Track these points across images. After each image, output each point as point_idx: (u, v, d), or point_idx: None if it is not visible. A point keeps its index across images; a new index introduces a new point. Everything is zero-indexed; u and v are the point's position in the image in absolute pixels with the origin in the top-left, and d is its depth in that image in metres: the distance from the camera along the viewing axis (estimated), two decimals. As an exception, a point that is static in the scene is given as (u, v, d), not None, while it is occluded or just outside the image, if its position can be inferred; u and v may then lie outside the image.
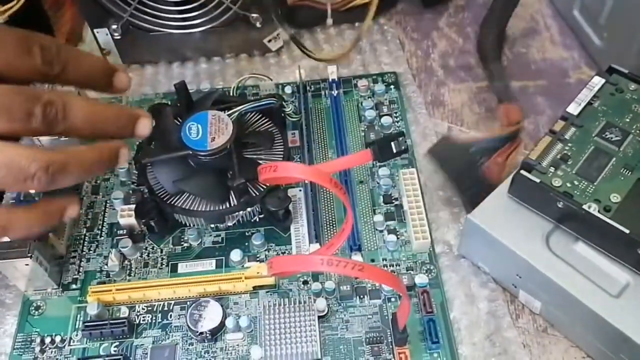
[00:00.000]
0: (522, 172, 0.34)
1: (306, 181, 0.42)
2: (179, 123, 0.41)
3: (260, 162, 0.41)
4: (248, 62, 0.52)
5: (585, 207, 0.33)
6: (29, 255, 0.36)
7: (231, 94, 0.46)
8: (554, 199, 0.34)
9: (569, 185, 0.34)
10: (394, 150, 0.40)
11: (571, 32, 0.52)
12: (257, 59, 0.52)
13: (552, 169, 0.35)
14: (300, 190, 0.43)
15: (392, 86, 0.48)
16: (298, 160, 0.44)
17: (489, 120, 0.47)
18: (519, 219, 0.36)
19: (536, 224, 0.35)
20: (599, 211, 0.32)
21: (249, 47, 0.52)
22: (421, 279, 0.38)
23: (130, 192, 0.43)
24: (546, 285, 0.34)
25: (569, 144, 0.36)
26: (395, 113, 0.47)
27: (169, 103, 0.48)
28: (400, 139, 0.40)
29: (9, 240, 0.37)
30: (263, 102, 0.41)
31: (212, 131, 0.39)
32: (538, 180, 0.34)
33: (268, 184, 0.39)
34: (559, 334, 0.37)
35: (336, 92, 0.48)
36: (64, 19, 0.73)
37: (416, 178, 0.42)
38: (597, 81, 0.38)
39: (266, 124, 0.43)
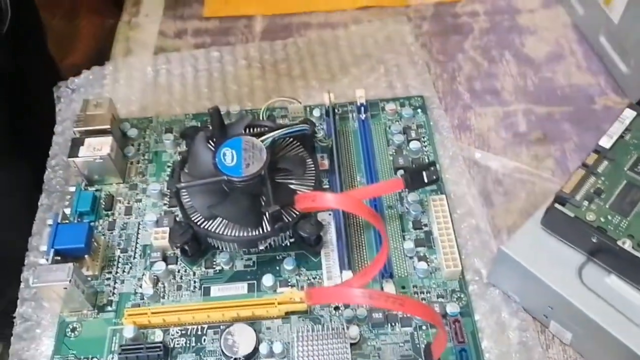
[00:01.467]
0: (557, 205, 0.35)
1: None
2: (211, 146, 0.42)
3: (292, 187, 0.42)
4: (276, 84, 0.52)
5: (619, 242, 0.33)
6: (69, 279, 0.37)
7: (260, 116, 0.47)
8: (588, 233, 0.34)
9: (602, 220, 0.34)
10: (425, 180, 0.41)
11: (597, 57, 0.53)
12: (285, 81, 0.53)
13: (585, 203, 0.35)
14: (330, 215, 0.43)
15: (419, 110, 0.49)
16: (327, 184, 0.45)
17: (516, 145, 0.48)
18: (551, 251, 0.36)
19: (569, 256, 0.36)
20: (633, 247, 0.33)
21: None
22: (453, 307, 0.38)
23: (162, 214, 0.44)
24: (578, 317, 0.35)
25: (602, 178, 0.36)
26: (423, 137, 0.47)
27: (199, 124, 0.49)
28: (432, 168, 0.41)
29: (47, 264, 0.38)
30: (296, 129, 0.42)
31: (247, 157, 0.40)
32: (572, 215, 0.34)
33: (299, 211, 0.40)
34: (588, 365, 0.37)
35: (364, 115, 0.49)
36: (80, 27, 0.74)
37: (446, 205, 0.42)
38: (629, 114, 0.38)
39: (296, 148, 0.44)
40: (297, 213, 0.40)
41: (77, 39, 0.73)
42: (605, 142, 0.37)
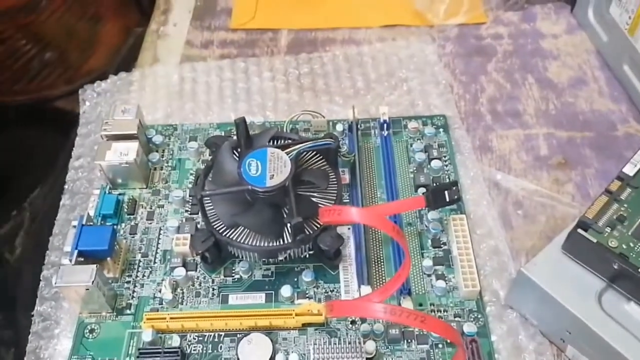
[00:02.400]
0: (579, 230, 0.35)
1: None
2: (236, 156, 0.43)
3: (314, 199, 0.42)
4: (300, 97, 0.53)
5: (641, 270, 0.33)
6: (92, 280, 0.37)
7: (284, 129, 0.47)
8: (610, 259, 0.34)
9: (624, 246, 0.34)
10: (447, 199, 0.42)
11: (619, 85, 0.53)
12: (308, 95, 0.53)
13: (608, 229, 0.35)
14: (349, 229, 0.43)
15: (441, 129, 0.49)
16: (347, 199, 0.45)
17: (537, 169, 0.48)
18: (572, 275, 0.36)
19: (589, 282, 0.36)
20: (655, 275, 0.33)
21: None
22: (470, 327, 0.38)
23: (184, 220, 0.45)
24: (596, 343, 0.35)
25: (625, 205, 0.36)
26: (445, 157, 0.48)
27: (223, 134, 0.50)
28: (454, 188, 0.42)
29: (71, 265, 0.39)
30: (321, 143, 0.43)
31: (271, 168, 0.40)
32: (595, 240, 0.34)
33: (323, 224, 0.40)
34: (604, 392, 0.37)
35: (386, 132, 0.49)
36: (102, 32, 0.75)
37: (466, 224, 0.42)
38: (653, 142, 0.39)
39: (320, 162, 0.44)
40: (318, 226, 0.40)
41: (98, 44, 0.75)
42: (629, 170, 0.38)
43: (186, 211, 0.45)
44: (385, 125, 0.49)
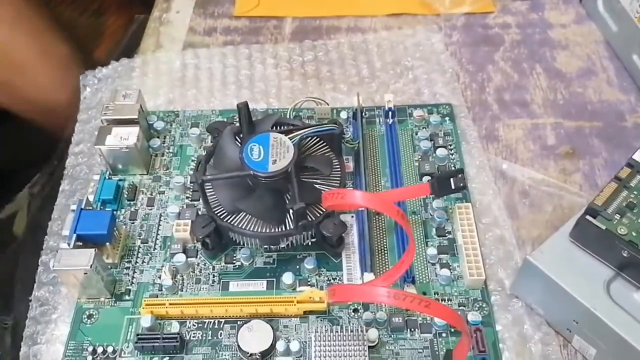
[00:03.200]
0: (588, 217, 0.34)
1: (368, 209, 0.42)
2: (238, 142, 0.42)
3: (317, 186, 0.41)
4: (303, 84, 0.52)
5: (651, 258, 0.32)
6: (90, 264, 0.36)
7: (287, 115, 0.47)
8: (619, 247, 0.33)
9: (634, 234, 0.34)
10: (453, 187, 0.41)
11: (629, 75, 0.52)
12: (312, 83, 0.53)
13: (617, 216, 0.34)
14: (352, 217, 0.43)
15: (447, 118, 0.49)
16: (351, 186, 0.45)
17: (544, 158, 0.47)
18: (579, 264, 0.35)
19: (597, 270, 0.35)
20: (665, 263, 0.32)
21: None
22: (474, 316, 0.38)
23: (185, 207, 0.44)
24: (605, 333, 0.34)
25: (635, 192, 0.35)
26: (450, 145, 0.47)
27: (225, 120, 0.49)
28: (460, 175, 0.41)
29: (69, 248, 0.38)
30: (325, 128, 0.42)
31: (274, 154, 0.39)
32: (604, 227, 0.34)
33: (325, 210, 0.39)
34: (611, 383, 0.36)
35: (391, 120, 0.48)
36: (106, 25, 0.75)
37: (471, 213, 0.41)
38: (664, 130, 0.38)
39: (323, 149, 0.44)
40: (321, 212, 0.40)
41: (103, 36, 0.74)
42: (639, 157, 0.37)
43: (187, 198, 0.45)
44: (390, 113, 0.48)
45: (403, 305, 0.29)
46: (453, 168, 0.45)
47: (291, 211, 0.39)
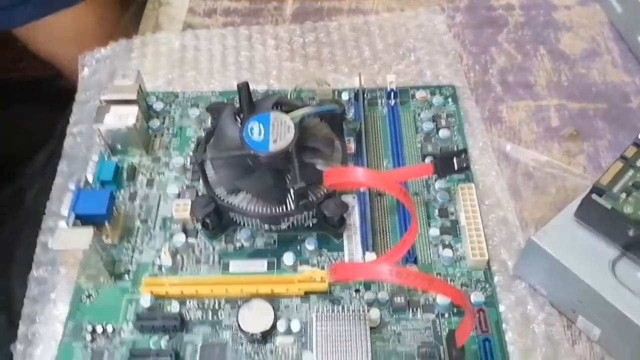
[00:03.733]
0: (593, 196, 0.34)
1: (370, 188, 0.42)
2: (238, 122, 0.42)
3: (318, 167, 0.41)
4: (304, 66, 0.52)
5: (658, 237, 0.32)
6: (89, 243, 0.36)
7: (288, 97, 0.46)
8: (625, 226, 0.33)
9: (640, 213, 0.33)
10: (456, 167, 0.40)
11: (633, 57, 0.51)
12: (313, 64, 0.52)
13: (623, 195, 0.34)
14: (354, 198, 0.42)
15: (450, 99, 0.48)
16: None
17: (548, 140, 0.47)
18: (584, 244, 0.35)
19: (602, 250, 0.35)
20: (671, 242, 0.32)
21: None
22: (477, 296, 0.37)
23: (184, 187, 0.43)
24: (610, 313, 0.33)
25: (641, 171, 0.35)
26: (453, 127, 0.46)
27: (225, 101, 0.48)
28: (463, 156, 0.40)
29: (68, 228, 0.38)
30: (326, 108, 0.41)
31: (274, 133, 0.39)
32: (609, 206, 0.33)
33: (327, 190, 0.39)
34: (615, 364, 0.36)
35: (393, 101, 0.48)
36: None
37: (474, 193, 0.41)
38: (671, 109, 0.37)
39: (324, 129, 0.43)
40: (322, 193, 0.39)
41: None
42: (646, 136, 0.36)
43: (187, 179, 0.44)
44: (392, 94, 0.48)
45: (406, 283, 0.29)
46: (456, 149, 0.45)
47: (292, 191, 0.38)
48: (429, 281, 0.28)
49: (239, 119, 0.42)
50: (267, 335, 0.36)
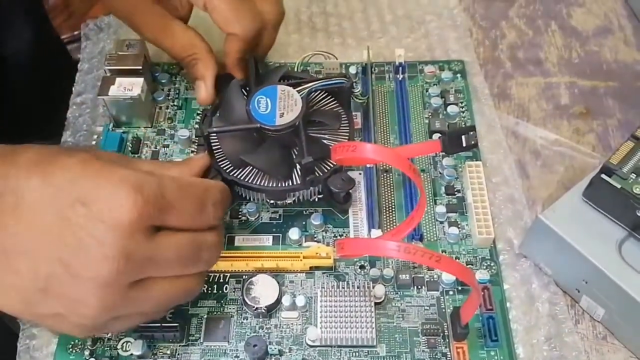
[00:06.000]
0: (603, 176, 0.33)
1: (379, 164, 0.41)
2: (244, 95, 0.41)
3: (325, 141, 0.40)
4: (311, 38, 0.51)
5: (667, 218, 0.32)
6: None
7: (295, 70, 0.45)
8: (633, 206, 0.33)
9: (650, 193, 0.33)
10: (464, 144, 0.40)
11: (647, 34, 0.50)
12: (320, 36, 0.51)
13: (633, 176, 0.34)
14: (360, 174, 0.42)
15: (459, 74, 0.47)
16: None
17: (557, 118, 0.46)
18: (591, 223, 0.35)
19: (609, 230, 0.35)
20: (680, 224, 0.31)
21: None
22: (482, 274, 0.37)
23: (190, 160, 0.43)
24: (615, 293, 0.33)
25: (652, 152, 0.35)
26: (461, 103, 0.46)
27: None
28: (471, 133, 0.40)
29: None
30: (334, 81, 0.41)
31: (281, 106, 0.38)
32: (619, 186, 0.33)
33: (333, 165, 0.39)
34: (618, 343, 0.36)
35: (401, 76, 0.47)
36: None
37: (482, 171, 0.41)
38: (684, 88, 0.37)
39: (332, 104, 0.43)
40: (329, 168, 0.39)
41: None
42: (658, 116, 0.36)
43: (192, 151, 0.44)
44: (400, 68, 0.47)
45: (413, 259, 0.29)
46: (464, 126, 0.44)
47: (298, 166, 0.38)
48: (437, 259, 0.28)
49: (245, 92, 0.42)
50: (272, 310, 0.36)
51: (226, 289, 0.38)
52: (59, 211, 0.28)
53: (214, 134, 0.40)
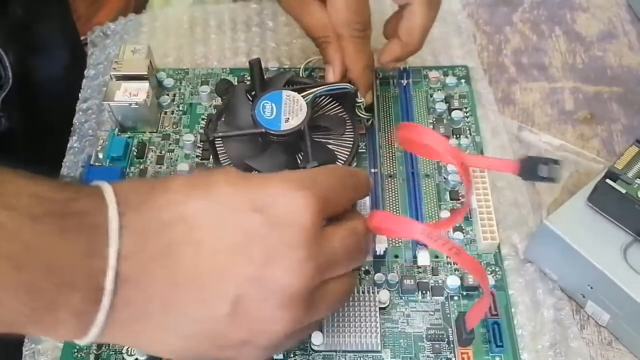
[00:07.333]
0: (608, 181, 0.33)
1: (385, 169, 0.41)
2: (250, 100, 0.41)
3: (330, 146, 0.41)
4: (316, 43, 0.51)
5: (672, 223, 0.32)
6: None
7: (300, 74, 0.46)
8: (638, 211, 0.33)
9: (655, 199, 0.33)
10: (545, 174, 0.33)
11: (651, 39, 0.51)
12: (325, 41, 0.51)
13: (638, 181, 0.33)
14: (364, 178, 0.42)
15: (463, 80, 0.47)
16: (363, 148, 0.44)
17: (562, 123, 0.46)
18: (596, 228, 0.35)
19: (615, 235, 0.34)
20: (686, 229, 0.31)
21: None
22: (487, 279, 0.37)
23: (194, 165, 0.43)
24: (620, 298, 0.33)
25: (657, 157, 0.34)
26: (466, 108, 0.46)
27: (236, 79, 0.48)
28: (556, 166, 0.33)
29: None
30: (338, 87, 0.41)
31: (286, 111, 0.39)
32: (624, 191, 0.33)
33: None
34: (623, 348, 0.36)
35: (406, 81, 0.47)
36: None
37: (486, 176, 0.41)
38: (689, 94, 0.37)
39: (336, 109, 0.43)
40: (334, 172, 0.39)
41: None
42: (663, 121, 0.36)
43: (197, 156, 0.44)
44: (404, 74, 0.47)
45: (435, 246, 0.28)
46: (468, 131, 0.44)
47: (304, 171, 0.38)
48: (457, 251, 0.28)
49: (250, 97, 0.42)
50: (277, 314, 0.36)
51: (231, 293, 0.38)
52: (236, 226, 0.26)
53: (219, 139, 0.40)
